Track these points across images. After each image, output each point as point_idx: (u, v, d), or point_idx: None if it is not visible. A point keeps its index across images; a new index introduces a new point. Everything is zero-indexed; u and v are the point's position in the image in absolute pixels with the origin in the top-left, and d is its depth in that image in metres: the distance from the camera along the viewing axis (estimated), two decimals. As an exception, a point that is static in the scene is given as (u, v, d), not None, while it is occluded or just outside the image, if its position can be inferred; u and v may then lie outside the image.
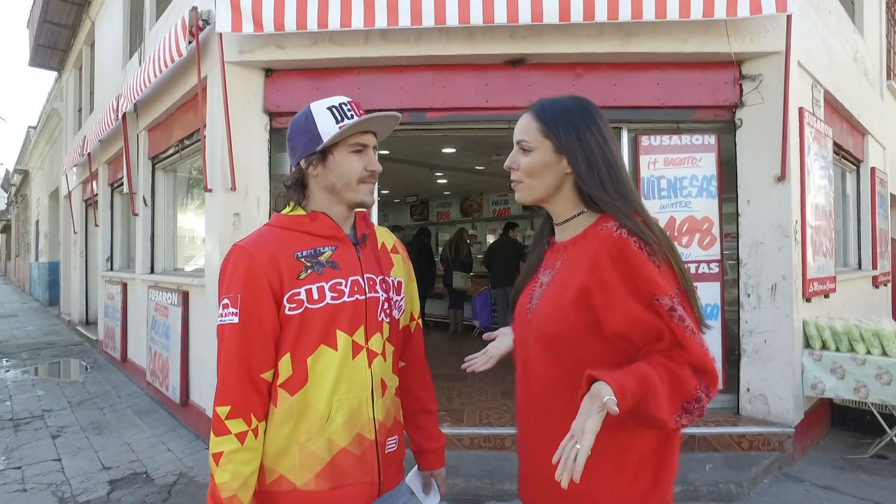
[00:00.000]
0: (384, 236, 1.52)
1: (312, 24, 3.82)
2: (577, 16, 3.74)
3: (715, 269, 4.23)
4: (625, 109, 4.20)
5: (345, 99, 1.37)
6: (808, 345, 4.12)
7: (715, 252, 4.25)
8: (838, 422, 4.63)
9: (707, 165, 4.27)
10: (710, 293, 4.23)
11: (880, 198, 6.57)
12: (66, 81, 12.15)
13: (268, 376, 1.28)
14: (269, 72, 4.31)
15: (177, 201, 6.40)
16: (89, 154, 8.13)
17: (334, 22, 3.82)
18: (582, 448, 0.93)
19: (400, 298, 1.47)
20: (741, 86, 4.16)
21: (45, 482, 3.65)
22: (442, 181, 10.83)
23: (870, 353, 3.87)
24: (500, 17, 3.76)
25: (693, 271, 4.20)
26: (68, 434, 4.63)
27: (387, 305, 1.40)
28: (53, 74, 13.45)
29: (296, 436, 1.28)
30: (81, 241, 10.45)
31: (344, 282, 1.33)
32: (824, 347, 4.06)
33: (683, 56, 4.07)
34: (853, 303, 5.48)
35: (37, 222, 18.38)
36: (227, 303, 1.27)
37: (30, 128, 18.54)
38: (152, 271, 6.28)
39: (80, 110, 11.11)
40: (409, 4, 3.77)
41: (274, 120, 4.33)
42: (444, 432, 1.62)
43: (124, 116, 6.16)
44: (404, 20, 3.80)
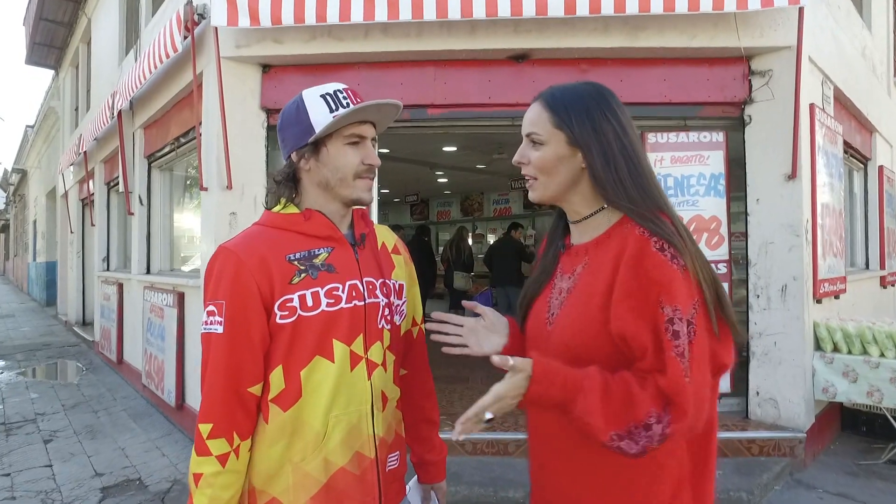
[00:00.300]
0: (385, 236, 1.41)
1: (311, 17, 3.71)
2: (582, 9, 3.63)
3: (723, 269, 4.12)
4: (631, 106, 3.97)
5: (340, 85, 1.25)
6: (819, 347, 4.02)
7: (723, 252, 4.14)
8: (849, 426, 4.53)
9: (715, 163, 4.16)
10: (718, 294, 4.11)
11: (888, 196, 6.46)
12: (63, 80, 12.04)
13: (255, 390, 1.17)
14: (267, 67, 4.20)
15: (173, 200, 6.29)
16: (85, 153, 8.02)
17: (333, 16, 3.71)
18: (478, 403, 0.95)
19: (402, 303, 1.36)
20: (750, 82, 4.05)
21: (34, 490, 3.54)
22: (442, 180, 10.75)
23: (884, 355, 3.77)
24: (504, 11, 3.65)
25: (701, 272, 4.09)
26: (61, 439, 4.53)
27: (387, 311, 1.29)
28: (51, 73, 13.36)
29: (289, 455, 1.17)
30: (78, 241, 10.35)
31: (341, 287, 1.22)
32: (836, 350, 3.96)
33: (691, 51, 3.97)
34: (861, 304, 5.37)
35: (34, 222, 18.28)
36: (212, 310, 1.16)
37: (28, 127, 18.46)
38: (148, 272, 6.17)
39: (76, 109, 11.00)
40: (410, -3, 3.67)
41: (271, 117, 4.22)
42: (444, 437, 1.51)
43: (120, 114, 6.06)
44: (405, 14, 3.69)
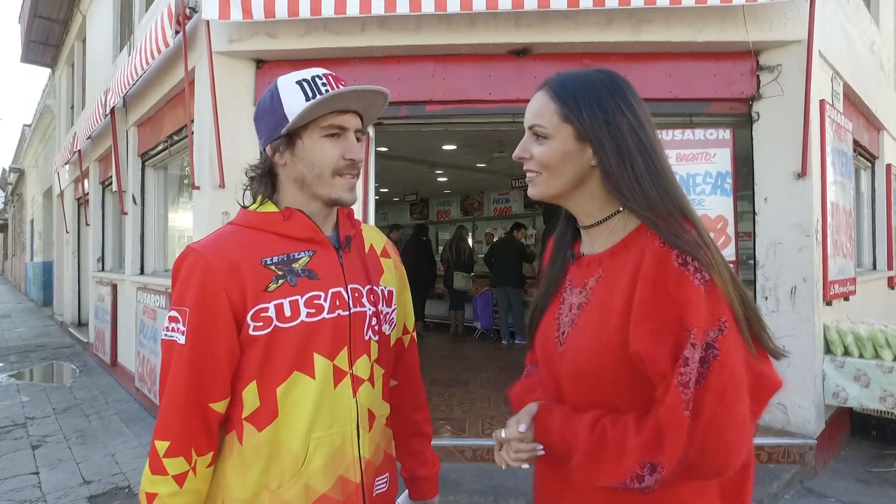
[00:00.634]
0: (373, 237, 1.28)
1: (305, 10, 3.59)
2: (585, 2, 3.52)
3: (730, 270, 4.01)
4: (635, 102, 3.98)
5: (320, 70, 1.11)
6: (829, 350, 3.90)
7: (730, 253, 4.01)
8: (858, 431, 4.41)
9: (722, 161, 4.03)
10: (724, 296, 4.00)
11: (896, 196, 6.35)
12: (59, 78, 11.93)
13: (219, 407, 1.05)
14: (261, 63, 4.09)
15: (168, 200, 6.18)
16: (80, 152, 7.91)
17: (328, 9, 3.59)
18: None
19: (391, 311, 1.24)
20: (758, 77, 3.93)
21: (18, 498, 3.43)
22: (442, 179, 10.64)
23: (897, 359, 3.65)
24: (505, 4, 3.54)
25: (707, 273, 3.98)
26: (50, 444, 4.41)
27: (375, 321, 1.17)
28: (48, 71, 13.25)
29: (265, 481, 1.06)
30: (74, 241, 10.25)
31: (323, 295, 1.09)
32: (846, 353, 3.84)
33: (698, 45, 3.85)
34: (870, 305, 5.25)
35: (32, 221, 18.18)
36: (175, 316, 1.04)
37: (25, 126, 18.36)
38: (142, 272, 6.06)
39: (72, 107, 10.89)
40: (408, -10, 3.55)
41: (265, 114, 4.11)
42: (444, 443, 1.41)
43: (113, 112, 5.95)
44: (402, 7, 3.58)
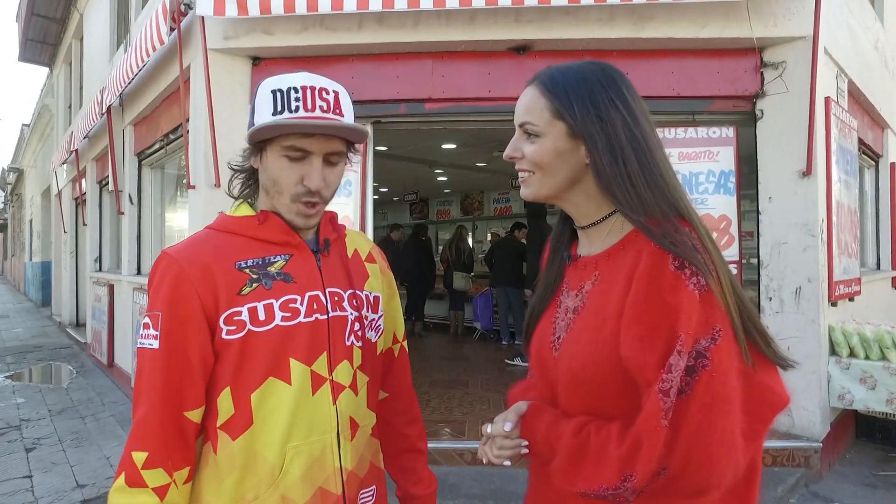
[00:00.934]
0: (358, 242, 1.24)
1: (301, 6, 3.53)
2: (587, -2, 3.46)
3: (733, 270, 3.94)
4: (637, 100, 3.92)
5: (302, 81, 1.02)
6: (834, 352, 3.85)
7: (733, 253, 3.96)
8: (863, 433, 4.35)
9: (725, 160, 3.98)
10: (728, 297, 3.94)
11: (900, 195, 6.28)
12: (57, 77, 11.87)
13: (194, 416, 1.00)
14: (257, 60, 4.03)
15: (164, 199, 6.13)
16: (77, 151, 7.86)
17: (325, 5, 3.53)
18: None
19: (377, 317, 1.19)
20: (762, 74, 3.87)
21: (11, 503, 3.37)
22: (442, 178, 10.58)
23: (903, 361, 3.59)
24: (505, 0, 3.48)
25: (710, 273, 3.92)
26: (44, 447, 4.35)
27: (357, 326, 1.12)
28: (46, 70, 13.19)
29: (241, 492, 1.01)
30: (72, 241, 10.20)
31: (300, 298, 1.05)
32: (852, 355, 3.79)
33: (701, 42, 3.79)
34: (874, 306, 5.20)
35: (30, 221, 18.13)
36: (148, 322, 1.00)
37: (24, 125, 18.32)
38: (139, 272, 6.01)
39: (70, 106, 10.84)
40: (406, -15, 3.49)
41: (262, 112, 4.05)
42: (443, 446, 1.34)
43: (109, 111, 5.89)
44: (401, 3, 3.52)
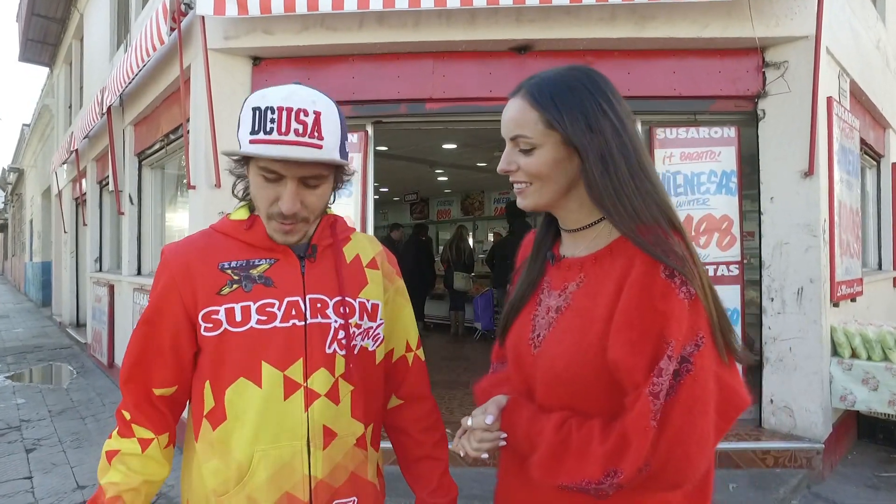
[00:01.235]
0: (362, 247, 1.22)
1: (302, 6, 3.52)
2: (588, -3, 3.45)
3: (735, 271, 3.94)
4: (638, 100, 3.90)
5: (280, 102, 0.98)
6: (836, 352, 3.83)
7: (735, 253, 3.95)
8: (865, 434, 4.34)
9: (727, 160, 3.97)
10: (729, 297, 3.93)
11: (902, 195, 6.27)
12: (57, 77, 11.87)
13: (163, 393, 1.10)
14: (257, 60, 4.02)
15: (165, 199, 6.12)
16: (77, 151, 7.85)
17: (326, 4, 3.52)
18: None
19: (375, 325, 1.17)
20: (764, 74, 3.86)
21: (11, 504, 3.37)
22: (442, 178, 10.57)
23: (906, 362, 3.58)
24: (506, 0, 3.47)
25: (711, 274, 3.91)
26: (44, 447, 4.34)
27: (342, 334, 1.10)
28: (46, 70, 13.18)
29: (214, 484, 1.06)
30: (72, 241, 10.19)
31: (277, 303, 1.07)
32: (854, 356, 3.77)
33: (702, 42, 3.78)
34: (876, 306, 5.19)
35: (31, 221, 18.12)
36: (145, 306, 1.10)
37: (24, 125, 18.31)
38: (139, 273, 6.00)
39: (70, 106, 10.83)
40: (407, -15, 3.48)
41: (262, 112, 4.04)
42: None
43: (109, 111, 5.88)
44: (401, 2, 3.51)
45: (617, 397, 0.87)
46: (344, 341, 1.10)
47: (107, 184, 7.32)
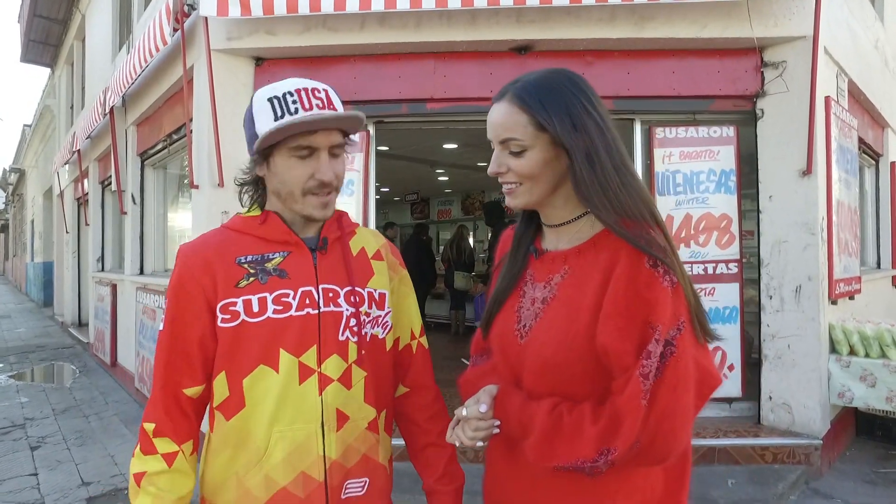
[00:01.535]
0: (366, 240, 1.27)
1: (304, 7, 3.56)
2: (588, -2, 3.49)
3: (734, 269, 3.97)
4: (638, 99, 3.94)
5: (294, 86, 1.09)
6: (834, 350, 3.86)
7: (734, 251, 3.99)
8: (864, 431, 4.37)
9: (726, 159, 4.00)
10: (728, 295, 3.97)
11: (900, 194, 6.30)
12: (59, 78, 11.90)
13: (192, 393, 1.13)
14: (260, 60, 4.05)
15: (167, 199, 6.15)
16: (79, 151, 7.88)
17: (328, 5, 3.56)
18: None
19: (383, 314, 1.23)
20: (763, 74, 3.89)
21: (17, 500, 3.40)
22: (443, 178, 10.59)
23: (903, 359, 3.61)
24: (506, 0, 3.50)
25: (711, 272, 3.96)
26: (49, 445, 4.38)
27: (353, 322, 1.16)
28: (47, 71, 13.22)
29: (234, 467, 1.11)
30: (74, 241, 10.22)
31: (292, 293, 1.12)
32: (852, 353, 3.80)
33: (701, 42, 3.81)
34: (874, 304, 5.21)
35: (32, 222, 18.16)
36: (164, 307, 1.14)
37: (25, 126, 18.35)
38: (142, 272, 6.03)
39: (72, 107, 10.86)
40: (408, -14, 3.51)
41: (265, 112, 4.07)
42: None
43: (112, 111, 5.91)
44: (402, 3, 3.55)
45: (601, 382, 0.93)
46: (355, 329, 1.15)
47: (109, 184, 7.35)
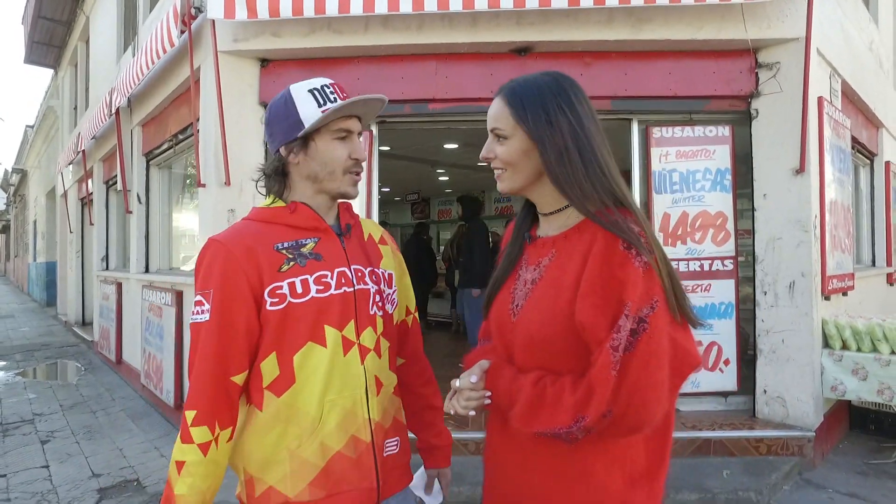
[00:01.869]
0: (371, 228, 1.44)
1: (309, 9, 3.64)
2: (586, 1, 3.57)
3: (730, 265, 4.06)
4: (635, 100, 4.03)
5: (327, 81, 1.28)
6: (827, 344, 3.95)
7: (729, 248, 4.08)
8: (857, 424, 4.46)
9: (721, 158, 4.10)
10: (724, 291, 4.06)
11: (895, 193, 6.39)
12: (62, 79, 11.99)
13: (238, 380, 1.18)
14: (265, 62, 4.14)
15: (172, 198, 6.24)
16: (83, 152, 7.97)
17: (332, 8, 3.64)
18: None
19: (392, 291, 1.38)
20: (757, 75, 3.98)
21: (30, 491, 3.48)
22: (443, 178, 10.67)
23: (895, 353, 3.70)
24: (507, 3, 3.59)
25: (707, 268, 4.04)
26: (58, 439, 4.47)
27: (378, 298, 1.31)
28: (50, 72, 13.30)
29: (285, 442, 1.19)
30: (77, 241, 10.30)
31: (329, 274, 1.23)
32: (844, 347, 3.89)
33: (697, 44, 3.90)
34: (868, 301, 5.30)
35: (34, 222, 18.24)
36: (200, 300, 1.17)
37: (27, 127, 18.42)
38: (147, 270, 6.12)
39: (75, 108, 10.94)
40: (411, -11, 3.60)
41: (270, 112, 4.16)
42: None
43: (117, 112, 6.00)
44: (405, 6, 3.63)
45: (584, 357, 1.01)
46: (380, 304, 1.30)
47: (114, 183, 7.44)
